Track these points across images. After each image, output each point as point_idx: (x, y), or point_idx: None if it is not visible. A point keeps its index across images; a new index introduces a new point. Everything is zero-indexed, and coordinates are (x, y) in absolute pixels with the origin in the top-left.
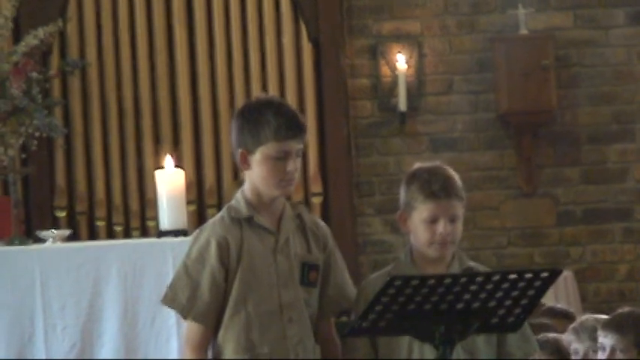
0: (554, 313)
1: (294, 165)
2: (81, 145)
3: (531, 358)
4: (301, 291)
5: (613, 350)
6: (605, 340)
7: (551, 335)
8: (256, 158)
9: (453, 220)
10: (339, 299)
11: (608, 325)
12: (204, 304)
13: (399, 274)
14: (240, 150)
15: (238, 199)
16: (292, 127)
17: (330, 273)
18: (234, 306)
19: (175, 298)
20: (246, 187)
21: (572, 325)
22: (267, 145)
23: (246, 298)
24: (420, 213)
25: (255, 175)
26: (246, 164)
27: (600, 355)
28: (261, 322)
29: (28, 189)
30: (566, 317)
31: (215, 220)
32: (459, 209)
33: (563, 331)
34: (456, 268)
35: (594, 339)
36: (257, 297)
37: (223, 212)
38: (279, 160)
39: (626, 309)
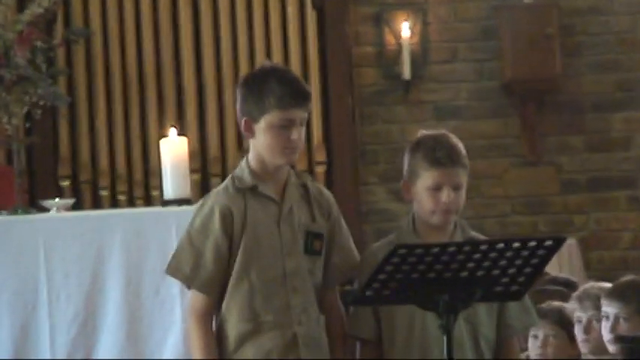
0: (557, 282)
1: (298, 133)
2: (85, 115)
3: (531, 329)
4: (305, 260)
5: (616, 318)
6: (609, 308)
7: (555, 303)
8: (260, 126)
9: (456, 188)
10: (344, 268)
11: (611, 294)
12: (208, 273)
13: (403, 243)
14: (244, 118)
15: (242, 168)
16: (296, 95)
17: (334, 242)
18: (237, 275)
19: (179, 268)
20: (251, 155)
21: (575, 293)
22: (272, 114)
23: (250, 267)
24: (424, 181)
25: (260, 144)
26: (251, 133)
27: (604, 323)
28: (265, 291)
29: (31, 158)
30: (569, 286)
31: (219, 190)
32: (463, 177)
33: (565, 300)
34: (458, 237)
35: (597, 307)
36: (261, 266)
37: (227, 181)
38: (284, 128)
39: (629, 277)
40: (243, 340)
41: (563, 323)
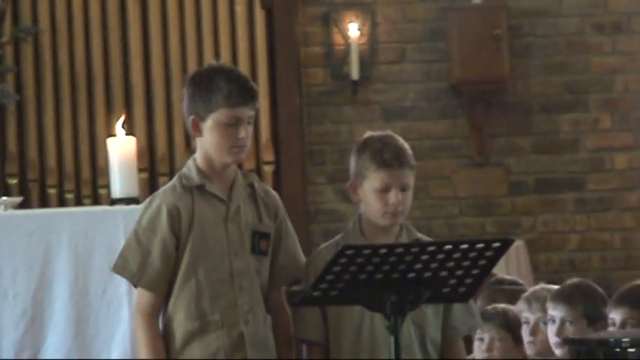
0: (504, 283)
1: (245, 131)
2: (33, 113)
3: (477, 332)
4: (252, 259)
5: (562, 322)
6: (555, 312)
7: (500, 306)
8: (208, 125)
9: (404, 189)
10: (290, 268)
11: (557, 297)
12: (155, 271)
13: (351, 244)
14: (191, 117)
15: (190, 167)
16: (244, 93)
17: (281, 242)
18: (184, 274)
19: (126, 266)
20: (198, 154)
21: (524, 295)
22: (219, 112)
23: (197, 266)
24: (372, 182)
25: (207, 142)
26: (198, 131)
27: (550, 327)
28: (212, 290)
29: None
30: (516, 288)
31: (166, 188)
32: (411, 178)
33: (511, 302)
34: (404, 239)
35: (545, 310)
36: (208, 265)
37: (175, 180)
38: (231, 126)
39: (574, 280)
40: (190, 339)
41: (508, 326)
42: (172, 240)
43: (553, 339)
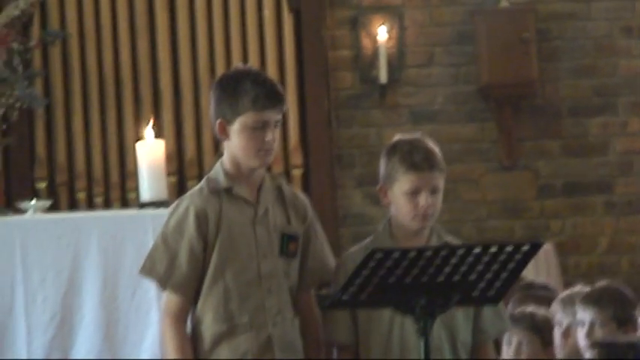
0: (534, 287)
1: (272, 135)
2: (61, 116)
3: (505, 336)
4: (280, 262)
5: (592, 325)
6: (584, 314)
7: (529, 309)
8: (235, 128)
9: (434, 192)
10: (320, 271)
11: (586, 300)
12: (183, 274)
13: (380, 247)
14: (218, 120)
15: (217, 170)
16: (270, 96)
17: (310, 244)
18: (212, 277)
19: (153, 269)
20: (225, 158)
21: (560, 296)
22: (246, 115)
23: (225, 268)
24: (402, 185)
25: (234, 146)
26: (225, 135)
27: (579, 329)
28: (240, 293)
29: (8, 160)
30: (547, 291)
31: (194, 191)
32: (440, 181)
33: (541, 305)
34: (434, 242)
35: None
36: (236, 268)
37: (202, 183)
38: (258, 130)
39: (603, 283)
40: (218, 341)
41: (536, 328)
42: (200, 243)
43: (582, 342)
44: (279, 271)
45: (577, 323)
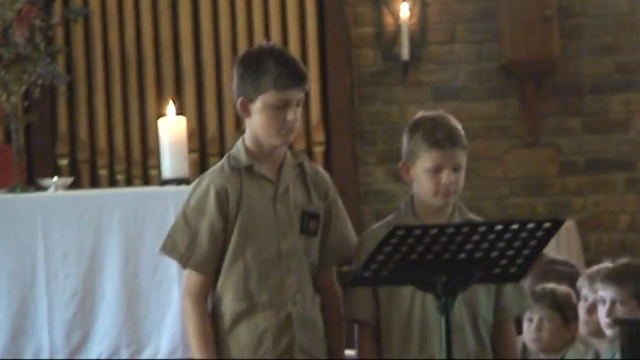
0: (555, 263)
1: (294, 114)
2: (83, 93)
3: (526, 313)
4: (301, 240)
5: (613, 302)
6: (605, 292)
7: (549, 286)
8: (256, 106)
9: (456, 169)
10: (341, 248)
11: (607, 277)
12: (203, 252)
13: (402, 224)
14: (240, 98)
15: (239, 148)
16: (292, 75)
17: (331, 222)
18: (232, 255)
19: (174, 247)
20: (247, 135)
21: (587, 271)
22: (267, 94)
23: (245, 246)
24: (424, 162)
25: (256, 124)
26: (247, 112)
27: (600, 308)
28: (260, 271)
29: (30, 137)
30: (568, 268)
31: (215, 169)
32: (463, 158)
33: (561, 283)
34: (456, 219)
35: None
36: (256, 246)
37: (223, 161)
38: (279, 108)
39: (624, 260)
40: (238, 319)
41: (558, 306)
42: (220, 221)
43: (604, 319)
44: (299, 249)
45: (598, 301)
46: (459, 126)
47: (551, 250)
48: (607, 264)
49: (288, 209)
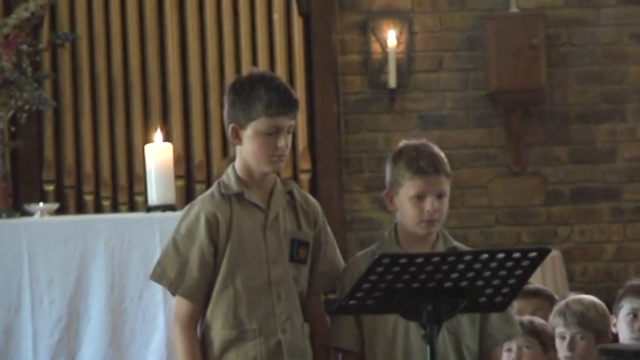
0: (538, 294)
1: (285, 141)
2: (70, 119)
3: (512, 340)
4: (290, 268)
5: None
6: (633, 304)
7: (526, 317)
8: (247, 133)
9: (440, 196)
10: (330, 276)
11: (629, 292)
12: (193, 280)
13: (388, 252)
14: (231, 125)
15: (229, 175)
16: (284, 102)
17: (320, 250)
18: (222, 282)
19: (164, 274)
20: (237, 162)
21: (557, 308)
22: (259, 121)
23: (235, 274)
24: (407, 190)
25: (246, 151)
26: (238, 139)
27: (623, 321)
28: (250, 299)
29: (16, 162)
30: (549, 299)
31: (205, 196)
32: (446, 186)
33: (540, 313)
34: (440, 248)
35: (581, 324)
36: (246, 273)
37: (213, 188)
38: (270, 135)
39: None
40: (228, 347)
41: (536, 333)
42: (210, 248)
43: (626, 331)
44: (288, 277)
45: (618, 311)
46: (441, 154)
47: (536, 280)
48: (574, 296)
49: (278, 237)
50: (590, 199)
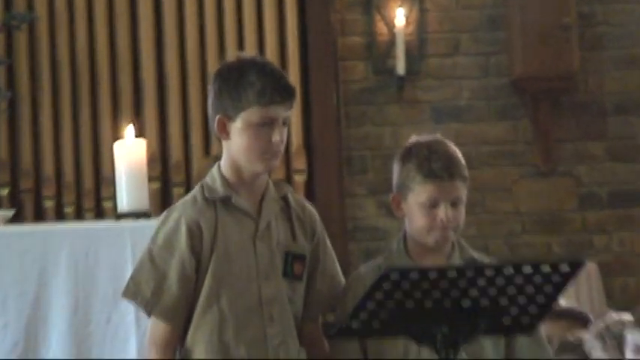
0: (569, 315)
1: (280, 135)
2: (27, 112)
3: None
4: (284, 285)
5: None
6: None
7: (574, 337)
8: (237, 126)
9: (455, 203)
10: (329, 296)
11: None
12: (172, 298)
13: (395, 266)
14: (218, 116)
15: (214, 177)
16: (279, 90)
17: (318, 265)
18: (205, 301)
19: (138, 291)
20: (224, 161)
21: (595, 330)
22: (250, 111)
23: (220, 292)
24: (417, 195)
25: (235, 147)
26: (225, 133)
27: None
28: (237, 321)
29: None
30: (582, 320)
31: (186, 201)
32: (462, 191)
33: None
34: (456, 259)
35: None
36: (233, 291)
37: (196, 191)
38: (263, 128)
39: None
40: None
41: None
42: (192, 261)
43: None
44: (282, 295)
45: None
46: (458, 153)
47: (569, 298)
48: (614, 317)
49: (270, 249)
50: (630, 203)
